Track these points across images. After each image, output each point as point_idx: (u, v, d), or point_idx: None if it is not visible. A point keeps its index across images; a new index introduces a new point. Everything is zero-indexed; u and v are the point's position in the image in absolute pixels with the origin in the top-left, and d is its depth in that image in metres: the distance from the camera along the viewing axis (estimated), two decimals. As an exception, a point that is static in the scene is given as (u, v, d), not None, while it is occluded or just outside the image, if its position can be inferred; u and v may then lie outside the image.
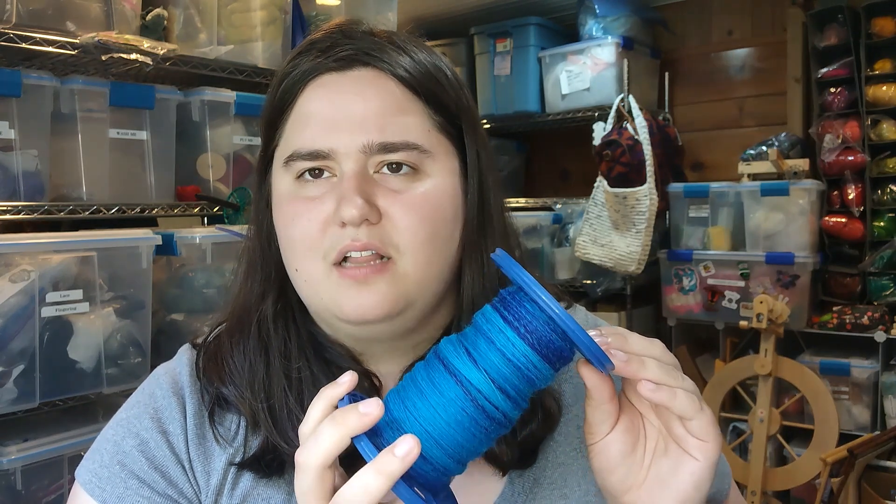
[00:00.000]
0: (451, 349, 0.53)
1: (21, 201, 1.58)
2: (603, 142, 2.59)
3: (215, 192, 1.96)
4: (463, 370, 0.51)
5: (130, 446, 0.67)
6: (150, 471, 0.66)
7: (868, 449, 2.14)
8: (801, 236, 2.46)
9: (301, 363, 0.68)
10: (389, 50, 0.67)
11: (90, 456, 0.69)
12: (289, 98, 0.68)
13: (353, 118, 0.64)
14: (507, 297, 0.54)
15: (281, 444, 0.65)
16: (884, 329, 2.31)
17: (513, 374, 0.51)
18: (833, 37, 2.50)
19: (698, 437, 0.56)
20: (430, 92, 0.68)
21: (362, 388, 0.69)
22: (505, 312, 0.52)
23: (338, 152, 0.64)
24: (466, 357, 0.52)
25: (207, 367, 0.71)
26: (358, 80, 0.66)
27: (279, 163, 0.68)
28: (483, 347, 0.52)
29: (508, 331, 0.52)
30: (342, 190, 0.64)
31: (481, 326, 0.53)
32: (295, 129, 0.67)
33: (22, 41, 1.53)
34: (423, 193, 0.65)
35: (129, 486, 0.65)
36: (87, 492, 0.66)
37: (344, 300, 0.64)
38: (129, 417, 0.69)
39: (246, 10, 1.93)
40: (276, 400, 0.67)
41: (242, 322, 0.71)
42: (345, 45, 0.67)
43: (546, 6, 2.99)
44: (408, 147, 0.65)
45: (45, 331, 1.49)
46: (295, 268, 0.67)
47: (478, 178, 0.70)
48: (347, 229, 0.63)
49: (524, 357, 0.51)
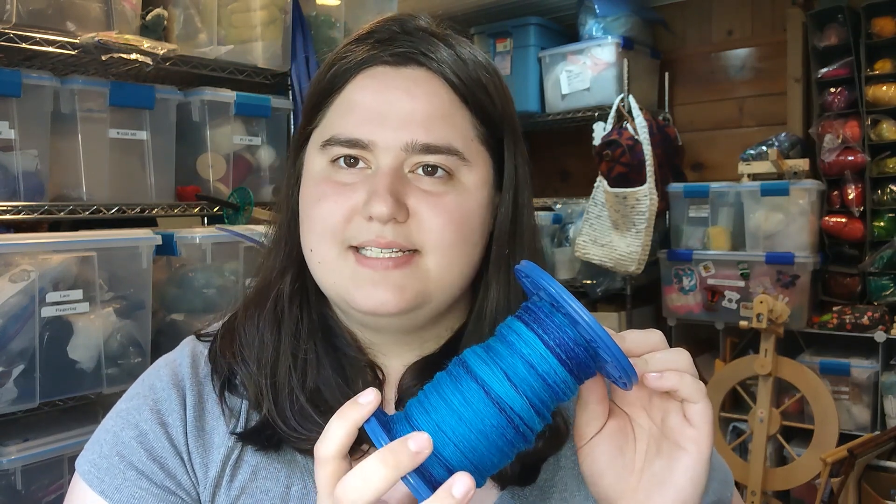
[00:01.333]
0: (479, 360, 0.52)
1: (21, 201, 1.58)
2: (603, 142, 2.59)
3: (215, 192, 1.96)
4: (492, 382, 0.50)
5: (129, 437, 0.67)
6: (149, 462, 0.66)
7: (868, 449, 2.14)
8: (801, 236, 2.46)
9: (309, 346, 0.69)
10: (444, 53, 0.68)
11: (90, 447, 0.69)
12: (338, 83, 0.68)
13: (399, 115, 0.65)
14: (534, 309, 0.53)
15: (278, 422, 0.66)
16: (884, 329, 2.31)
17: (541, 388, 0.51)
18: (833, 37, 2.50)
19: (695, 425, 0.56)
20: (477, 101, 0.68)
21: (366, 381, 0.70)
22: (534, 325, 0.52)
23: (377, 145, 0.65)
24: (496, 368, 0.51)
25: (223, 343, 0.71)
26: (409, 78, 0.67)
27: (316, 144, 0.69)
28: (512, 359, 0.51)
29: (538, 344, 0.51)
30: (375, 184, 0.64)
31: (508, 338, 0.52)
32: (338, 115, 0.67)
33: (22, 41, 1.53)
34: (455, 200, 0.66)
35: (128, 476, 0.65)
36: (87, 482, 0.66)
37: (358, 291, 0.64)
38: (129, 409, 0.69)
39: (246, 10, 1.93)
40: (280, 378, 0.67)
41: (261, 295, 0.72)
42: (403, 41, 0.68)
43: (546, 6, 2.99)
44: (449, 152, 0.65)
45: (45, 331, 1.49)
46: (310, 248, 0.67)
47: (513, 194, 0.71)
48: (373, 224, 0.63)
49: (553, 371, 0.51)
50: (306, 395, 0.66)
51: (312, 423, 0.65)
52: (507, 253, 0.70)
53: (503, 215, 0.70)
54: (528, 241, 0.72)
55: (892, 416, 2.29)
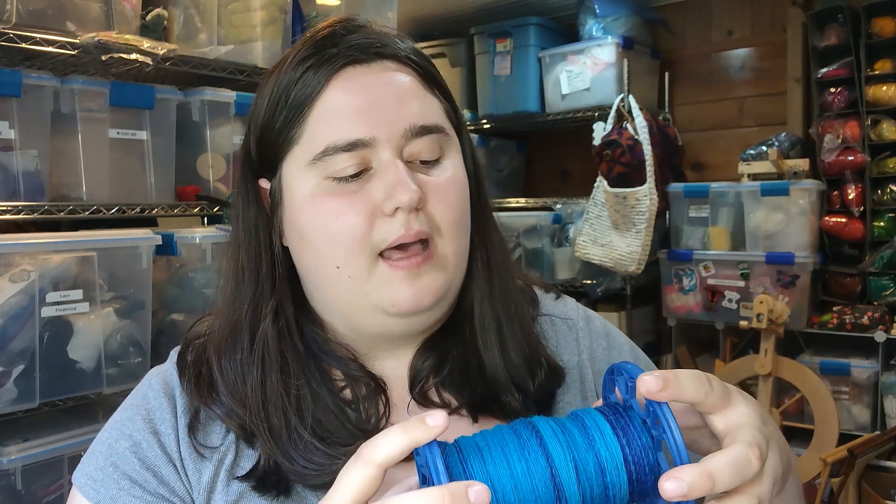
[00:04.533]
0: (553, 438, 0.50)
1: (21, 201, 1.58)
2: (603, 142, 2.59)
3: (215, 192, 1.96)
4: (560, 466, 0.49)
5: (124, 448, 0.67)
6: (142, 471, 0.66)
7: (868, 449, 2.14)
8: (801, 236, 2.46)
9: (301, 380, 0.67)
10: (398, 42, 0.70)
11: (86, 459, 0.69)
12: (309, 94, 0.66)
13: (390, 105, 0.65)
14: (625, 417, 0.51)
15: (284, 462, 0.64)
16: (884, 329, 2.31)
17: (600, 495, 0.49)
18: (833, 37, 2.50)
19: (728, 431, 0.50)
20: (436, 81, 0.71)
21: (369, 391, 0.70)
22: (620, 433, 0.50)
23: (379, 140, 0.65)
24: (569, 455, 0.49)
25: (193, 386, 0.69)
26: (385, 71, 0.68)
27: (301, 162, 0.66)
28: (586, 454, 0.49)
29: (618, 454, 0.49)
30: (389, 176, 0.64)
31: (590, 431, 0.50)
32: (324, 124, 0.66)
33: (22, 41, 1.53)
34: (450, 178, 0.68)
35: (122, 486, 0.66)
36: (83, 494, 0.67)
37: (397, 292, 0.65)
38: (123, 420, 0.70)
39: (246, 10, 1.93)
40: (276, 419, 0.66)
41: (233, 337, 0.69)
42: (360, 40, 0.68)
43: (546, 6, 2.99)
44: (439, 130, 0.68)
45: (45, 331, 1.49)
46: (336, 265, 0.65)
47: (473, 163, 0.74)
48: (398, 217, 0.63)
49: (619, 485, 0.49)
50: (309, 431, 0.65)
51: (321, 456, 0.64)
52: (480, 217, 0.73)
53: (471, 181, 0.73)
54: (489, 210, 0.76)
55: (892, 416, 2.29)
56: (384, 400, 0.70)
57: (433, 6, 3.01)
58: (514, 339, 0.73)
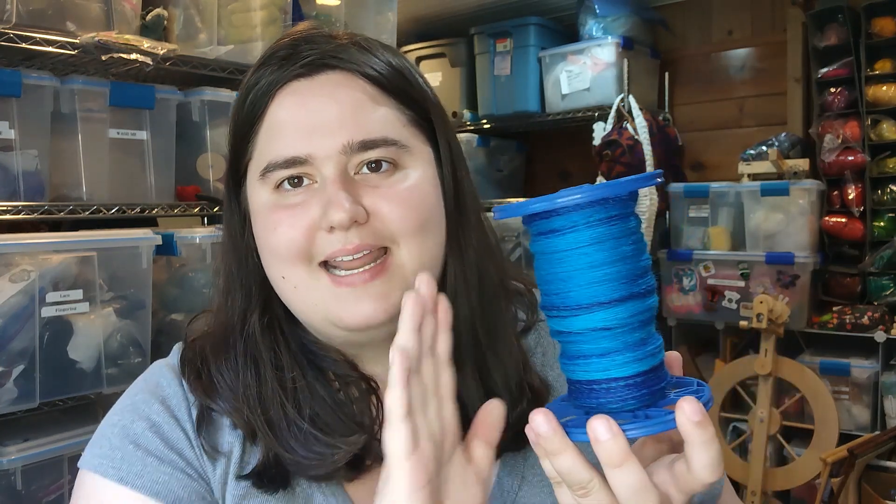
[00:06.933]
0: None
1: (21, 201, 1.58)
2: (603, 142, 2.59)
3: (215, 192, 1.96)
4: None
5: (142, 428, 0.66)
6: (167, 450, 0.65)
7: (868, 449, 2.14)
8: (801, 236, 2.46)
9: (295, 373, 0.68)
10: (354, 51, 0.67)
11: (95, 443, 0.68)
12: (258, 110, 0.67)
13: (330, 121, 0.64)
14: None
15: (283, 454, 0.64)
16: (884, 329, 2.31)
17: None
18: (833, 37, 2.50)
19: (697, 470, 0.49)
20: (398, 88, 0.68)
21: (361, 392, 0.69)
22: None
23: (316, 157, 0.64)
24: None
25: (194, 385, 0.69)
26: (328, 83, 0.66)
27: (254, 176, 0.67)
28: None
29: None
30: (327, 194, 0.63)
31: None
32: (268, 140, 0.66)
33: (22, 41, 1.53)
34: (408, 187, 0.66)
35: (148, 463, 0.64)
36: (101, 474, 0.64)
37: (341, 310, 0.64)
38: (136, 402, 0.69)
39: (246, 10, 1.93)
40: (274, 412, 0.66)
41: (227, 339, 0.70)
42: (309, 50, 0.67)
43: (546, 6, 2.99)
44: (386, 143, 0.65)
45: (45, 331, 1.49)
46: (281, 275, 0.66)
47: (451, 169, 0.71)
48: (336, 234, 0.63)
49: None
50: (308, 422, 0.65)
51: (321, 446, 0.64)
52: (455, 227, 0.70)
53: (447, 191, 0.70)
54: (472, 214, 0.72)
55: (892, 416, 2.29)
56: (376, 402, 0.69)
57: (433, 6, 3.01)
58: (497, 364, 0.70)
